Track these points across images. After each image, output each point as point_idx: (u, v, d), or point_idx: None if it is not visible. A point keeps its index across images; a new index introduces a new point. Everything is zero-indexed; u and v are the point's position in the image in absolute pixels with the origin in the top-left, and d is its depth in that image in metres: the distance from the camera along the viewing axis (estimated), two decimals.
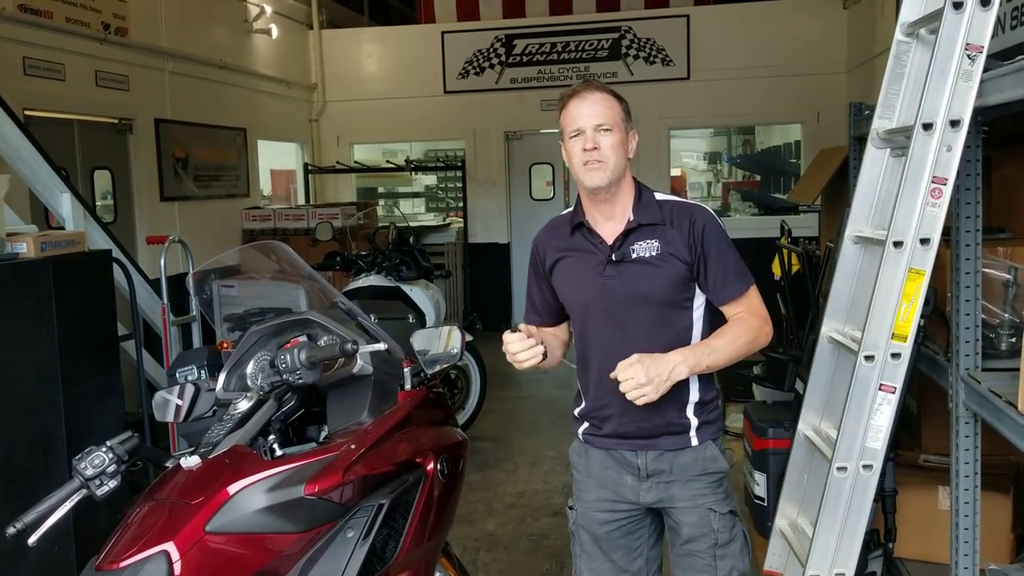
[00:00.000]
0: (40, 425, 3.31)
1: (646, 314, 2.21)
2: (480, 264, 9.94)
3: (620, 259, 2.21)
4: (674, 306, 2.22)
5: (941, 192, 2.38)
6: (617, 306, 2.22)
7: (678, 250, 2.19)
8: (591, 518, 2.37)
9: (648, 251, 2.20)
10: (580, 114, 2.19)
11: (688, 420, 2.27)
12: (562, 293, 2.33)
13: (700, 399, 2.28)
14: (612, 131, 2.18)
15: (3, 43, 5.54)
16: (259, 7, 8.79)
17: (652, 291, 2.20)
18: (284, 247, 2.58)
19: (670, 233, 2.20)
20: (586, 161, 2.18)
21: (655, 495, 2.29)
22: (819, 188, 4.83)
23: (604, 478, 2.34)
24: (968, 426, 2.62)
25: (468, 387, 6.12)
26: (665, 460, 2.27)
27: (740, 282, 2.22)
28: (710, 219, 2.23)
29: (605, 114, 2.18)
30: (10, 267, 3.27)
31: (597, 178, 2.18)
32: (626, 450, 2.30)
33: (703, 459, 2.28)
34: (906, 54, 2.72)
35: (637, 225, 2.22)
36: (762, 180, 11.28)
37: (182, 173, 7.55)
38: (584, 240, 2.27)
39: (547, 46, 9.80)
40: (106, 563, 1.71)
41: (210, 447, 1.93)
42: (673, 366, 2.06)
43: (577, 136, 2.20)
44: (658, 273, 2.19)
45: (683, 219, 2.21)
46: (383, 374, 2.19)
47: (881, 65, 7.06)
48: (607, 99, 2.20)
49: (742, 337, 2.20)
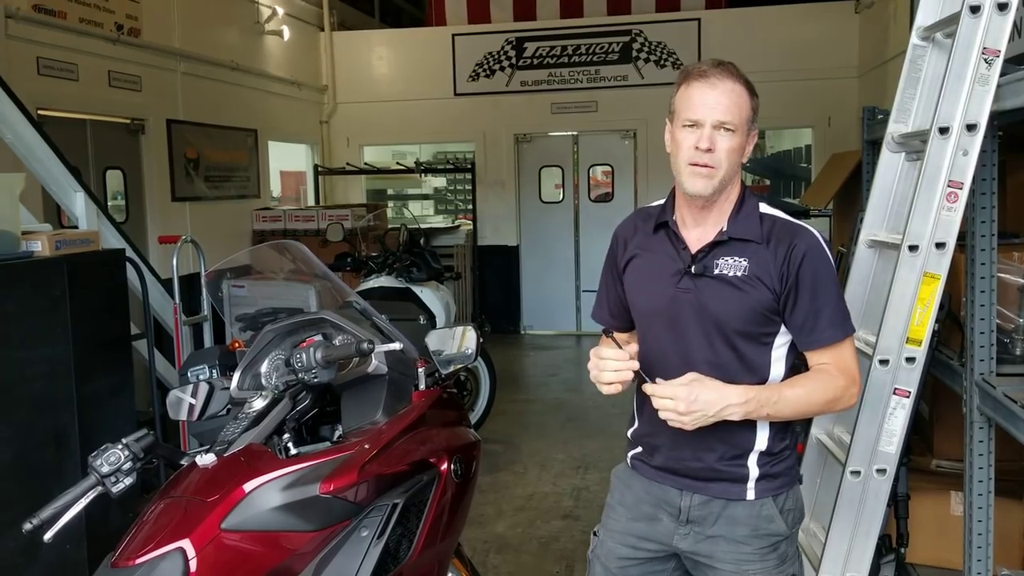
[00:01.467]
0: (53, 423, 3.32)
1: (716, 341, 1.90)
2: (489, 266, 9.95)
3: (700, 272, 1.90)
4: (750, 339, 1.90)
5: (957, 196, 2.38)
6: (685, 324, 1.92)
7: (768, 276, 1.87)
8: (611, 549, 2.09)
9: (734, 270, 1.88)
10: (704, 103, 1.85)
11: (747, 470, 1.95)
12: (630, 295, 2.05)
13: (768, 449, 1.95)
14: (735, 133, 1.86)
15: (18, 43, 5.57)
16: (271, 9, 8.82)
17: (727, 316, 1.88)
18: (299, 246, 2.59)
19: (764, 254, 1.88)
20: (694, 162, 1.86)
21: (691, 544, 1.99)
22: (832, 192, 4.83)
23: (638, 511, 2.06)
24: (982, 431, 2.62)
25: (478, 389, 6.12)
26: (712, 508, 1.96)
27: (834, 328, 1.88)
28: (815, 246, 1.88)
29: (732, 111, 1.85)
30: (25, 265, 3.28)
31: (701, 186, 1.87)
32: (671, 487, 2.00)
33: (757, 518, 1.95)
34: (922, 58, 2.72)
35: (729, 238, 1.91)
36: (772, 184, 11.26)
37: (193, 174, 7.57)
38: (666, 241, 1.98)
39: (557, 49, 9.80)
40: (122, 560, 1.71)
41: (225, 445, 1.93)
42: (727, 405, 1.79)
43: (692, 128, 1.86)
44: (738, 297, 1.87)
45: (783, 241, 1.88)
46: (397, 374, 2.19)
47: (893, 69, 7.06)
48: (737, 91, 1.87)
49: (821, 395, 1.88)
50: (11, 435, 3.11)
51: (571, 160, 10.12)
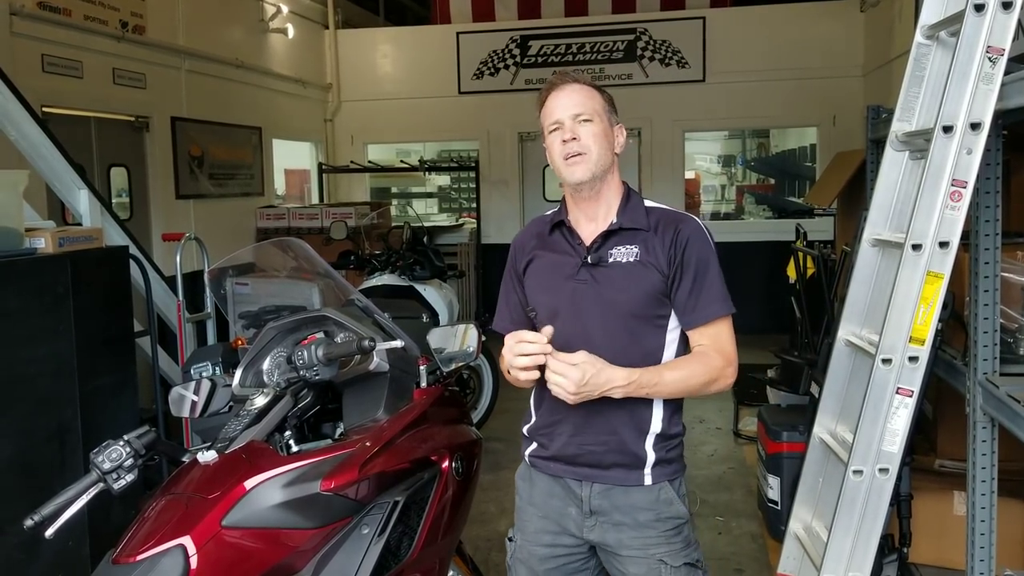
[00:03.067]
0: (56, 419, 3.32)
1: (615, 325, 2.01)
2: (493, 265, 9.93)
3: (596, 262, 2.03)
4: (645, 321, 2.02)
5: (961, 195, 2.37)
6: (585, 313, 2.03)
7: (657, 260, 2.01)
8: (531, 552, 2.16)
9: (626, 256, 2.02)
10: (558, 105, 2.04)
11: (644, 453, 2.04)
12: (531, 294, 2.14)
13: (663, 431, 2.06)
14: (592, 121, 2.02)
15: (23, 40, 5.58)
16: (275, 7, 8.82)
17: (623, 300, 2.01)
18: (301, 243, 2.59)
19: (653, 241, 2.02)
20: (567, 154, 2.01)
21: (599, 535, 2.08)
22: (836, 191, 4.82)
23: (548, 507, 2.14)
24: (985, 431, 2.61)
25: (480, 387, 6.12)
26: (612, 496, 2.05)
27: (712, 306, 2.01)
28: (697, 231, 2.04)
29: (584, 103, 2.02)
30: (28, 262, 3.28)
31: (579, 172, 2.01)
32: (571, 478, 2.09)
33: (657, 502, 2.05)
34: (926, 57, 2.70)
35: (619, 228, 2.05)
36: (777, 183, 11.25)
37: (197, 171, 7.58)
38: (562, 240, 2.11)
39: (562, 47, 9.80)
40: (123, 556, 1.71)
41: (227, 442, 1.93)
42: (611, 386, 1.90)
43: (556, 129, 2.03)
44: (632, 281, 2.01)
45: (668, 228, 2.03)
46: (399, 372, 2.20)
47: (898, 69, 7.04)
48: (585, 89, 2.05)
49: (698, 377, 1.99)
50: (14, 431, 3.12)
51: None
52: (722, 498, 4.83)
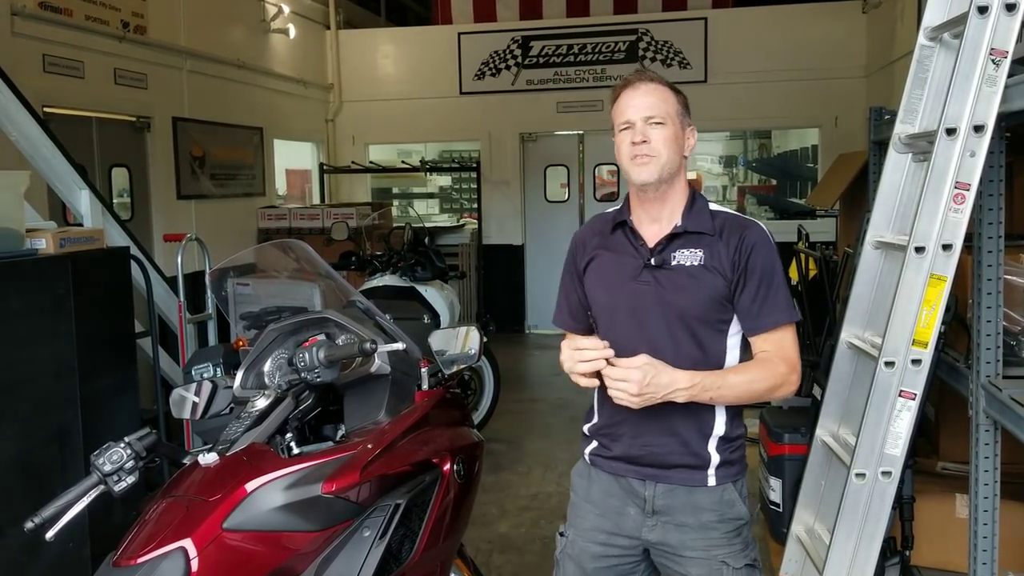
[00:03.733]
0: (57, 421, 3.32)
1: (677, 328, 2.01)
2: (494, 265, 9.94)
3: (659, 264, 2.03)
4: (708, 325, 2.02)
5: (964, 198, 2.37)
6: (647, 314, 2.02)
7: (721, 265, 2.00)
8: (583, 548, 2.15)
9: (690, 260, 2.02)
10: (630, 105, 2.03)
11: (708, 455, 2.05)
12: (590, 293, 2.15)
13: (725, 434, 2.06)
14: (664, 124, 2.01)
15: (23, 40, 5.57)
16: (277, 7, 8.82)
17: (686, 304, 2.00)
18: (302, 245, 2.59)
19: (717, 246, 2.02)
20: (635, 155, 2.01)
21: (660, 535, 2.07)
22: (838, 193, 4.82)
23: (606, 506, 2.13)
24: (988, 434, 2.60)
25: (482, 389, 6.12)
26: (676, 497, 2.05)
27: (776, 314, 2.00)
28: (763, 237, 2.03)
29: (657, 106, 2.01)
30: (29, 263, 3.28)
31: (646, 173, 2.01)
32: (634, 478, 2.08)
33: (721, 503, 2.05)
34: (929, 58, 2.70)
35: (684, 231, 2.04)
36: (778, 184, 11.24)
37: (199, 172, 7.58)
38: (624, 240, 2.11)
39: (564, 48, 9.79)
40: (123, 559, 1.71)
41: (228, 444, 1.93)
42: (674, 389, 1.89)
43: (627, 129, 2.03)
44: (696, 285, 2.00)
45: (734, 233, 2.02)
46: (401, 374, 2.19)
47: (900, 70, 7.03)
48: (660, 90, 2.03)
49: (762, 382, 1.99)
50: (15, 433, 3.12)
51: (577, 159, 10.11)
52: None
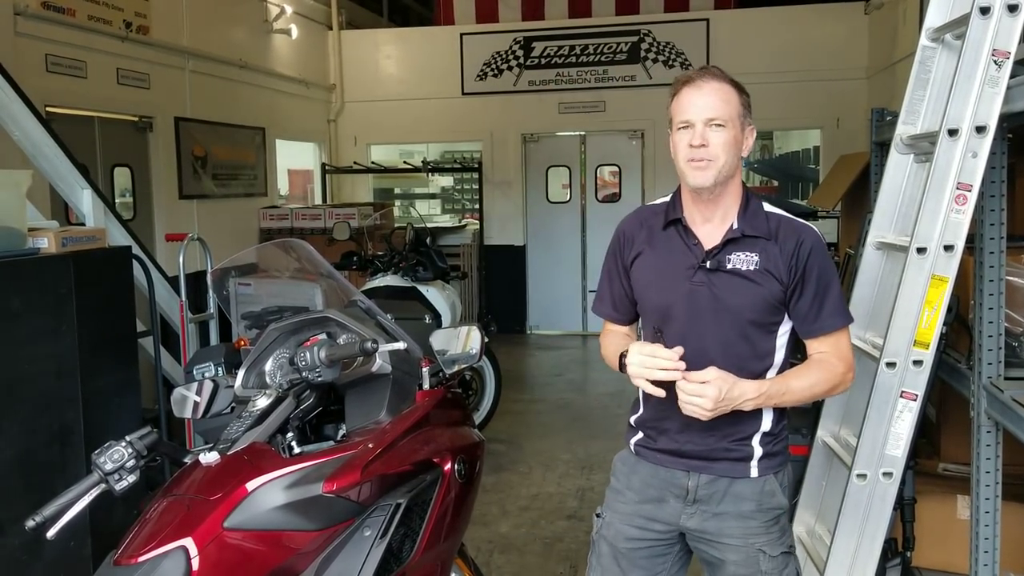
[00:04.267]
0: (59, 420, 3.32)
1: (730, 330, 2.02)
2: (496, 266, 9.94)
3: (715, 267, 2.02)
4: (760, 327, 2.04)
5: (966, 199, 2.37)
6: (700, 316, 2.03)
7: (777, 269, 2.00)
8: (619, 531, 2.18)
9: (746, 264, 2.01)
10: (692, 104, 1.99)
11: (752, 449, 2.08)
12: (640, 290, 2.13)
13: (770, 429, 2.09)
14: (725, 127, 1.98)
15: (26, 40, 5.58)
16: (279, 7, 8.83)
17: (741, 307, 2.01)
18: (304, 244, 2.59)
19: (772, 249, 2.02)
20: (692, 158, 1.98)
21: (698, 523, 2.11)
22: (840, 194, 4.81)
23: (646, 494, 2.16)
24: (990, 435, 2.60)
25: (483, 389, 6.12)
26: (718, 486, 2.08)
27: (834, 318, 2.03)
28: (818, 243, 2.04)
29: (719, 107, 1.98)
30: (31, 262, 3.28)
31: (702, 178, 1.98)
32: (678, 469, 2.11)
33: (761, 493, 2.08)
34: (931, 59, 2.70)
35: (741, 235, 2.03)
36: (780, 185, 11.24)
37: (201, 171, 7.58)
38: (677, 238, 2.08)
39: (566, 48, 9.79)
40: (124, 558, 1.71)
41: (229, 444, 1.92)
42: (744, 400, 1.93)
43: (685, 128, 2.00)
44: (752, 289, 2.01)
45: (789, 237, 2.02)
46: (402, 373, 2.19)
47: (902, 71, 7.02)
48: (724, 90, 2.00)
49: (822, 384, 2.04)
50: (16, 432, 3.12)
51: (578, 160, 10.11)
52: None
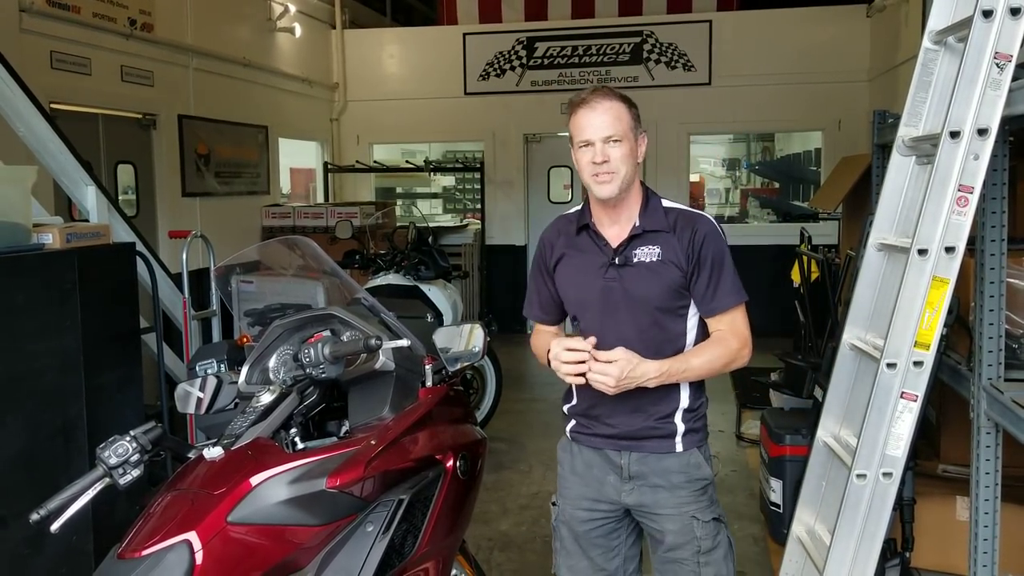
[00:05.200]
0: (62, 414, 3.33)
1: (642, 317, 2.24)
2: (497, 266, 9.96)
3: (623, 263, 2.24)
4: (669, 312, 2.25)
5: (967, 200, 2.37)
6: (615, 307, 2.25)
7: (677, 258, 2.22)
8: (572, 515, 2.40)
9: (649, 256, 2.23)
10: (590, 124, 2.20)
11: (675, 425, 2.30)
12: (563, 290, 2.37)
13: (689, 406, 2.31)
14: (621, 142, 2.19)
15: (31, 37, 5.60)
16: (283, 6, 8.84)
17: (649, 296, 2.23)
18: (308, 242, 2.60)
19: (671, 240, 2.24)
20: (595, 173, 2.20)
21: (636, 498, 2.32)
22: (841, 196, 4.83)
23: (588, 476, 2.37)
24: (989, 436, 2.61)
25: (484, 388, 6.13)
26: (648, 463, 2.30)
27: (728, 297, 2.24)
28: (712, 230, 2.25)
29: (614, 126, 2.19)
30: (36, 258, 3.29)
31: (607, 190, 2.21)
32: (611, 450, 2.33)
33: (688, 466, 2.30)
34: (933, 62, 2.71)
35: (642, 231, 2.25)
36: (781, 187, 11.25)
37: (204, 169, 7.60)
38: (589, 241, 2.31)
39: (568, 49, 9.80)
40: (128, 551, 1.72)
41: (233, 439, 1.94)
42: (647, 378, 2.13)
43: (586, 147, 2.21)
44: (656, 279, 2.23)
45: (686, 228, 2.24)
46: (405, 371, 2.20)
47: (904, 74, 7.03)
48: (616, 108, 2.20)
49: (719, 360, 2.24)
50: (20, 426, 3.13)
51: None
52: (724, 501, 4.78)
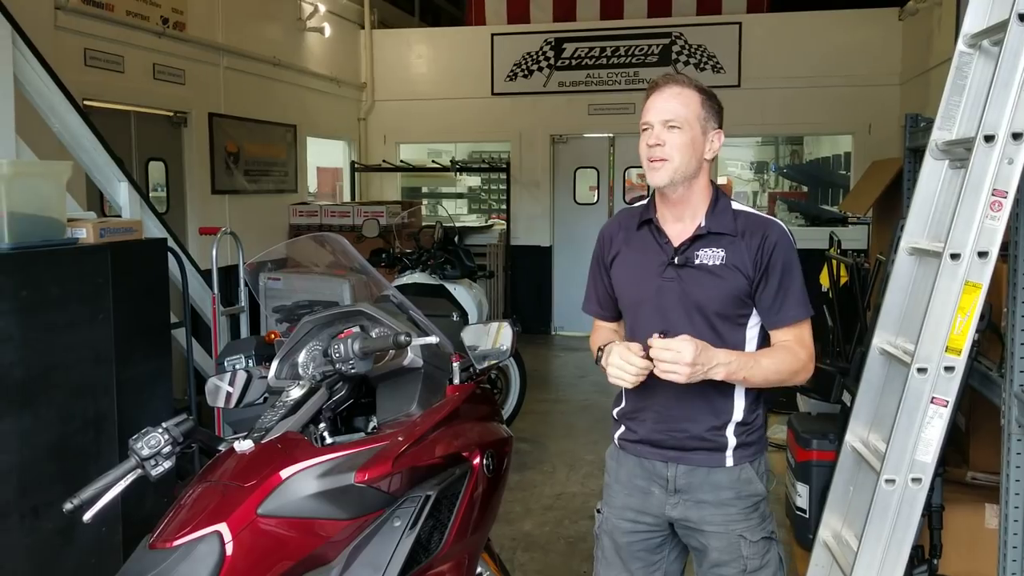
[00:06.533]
0: (93, 407, 3.38)
1: (698, 322, 2.12)
2: (522, 266, 9.96)
3: (683, 263, 2.14)
4: (728, 320, 2.14)
5: (1001, 205, 2.35)
6: (670, 310, 2.14)
7: (743, 264, 2.11)
8: (615, 525, 2.30)
9: (712, 259, 2.12)
10: (652, 107, 2.11)
11: (726, 439, 2.18)
12: (618, 287, 2.28)
13: (743, 420, 2.18)
14: (681, 129, 2.08)
15: (66, 35, 5.68)
16: (313, 5, 8.90)
17: (708, 300, 2.12)
18: (339, 238, 2.62)
19: (739, 245, 2.12)
20: (650, 157, 2.11)
21: (682, 512, 2.20)
22: (872, 199, 4.79)
23: (632, 487, 2.27)
24: (1020, 443, 2.58)
25: (508, 388, 6.14)
26: (696, 476, 2.18)
27: (797, 309, 2.13)
28: (783, 238, 2.13)
29: (676, 111, 2.08)
30: (70, 252, 3.34)
31: (658, 177, 2.10)
32: (657, 460, 2.22)
33: (738, 481, 2.18)
34: (968, 65, 2.68)
35: (707, 232, 2.14)
36: (810, 191, 11.16)
37: (233, 167, 7.67)
38: (650, 237, 2.21)
39: (596, 50, 9.79)
40: (159, 542, 1.74)
41: (263, 432, 1.95)
42: (716, 363, 1.99)
43: (646, 130, 2.12)
44: (717, 283, 2.11)
45: (755, 233, 2.12)
46: (433, 367, 2.21)
47: (936, 77, 6.96)
48: (684, 94, 2.10)
49: (787, 366, 2.12)
50: (53, 417, 3.18)
51: (607, 162, 10.10)
52: None
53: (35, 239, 3.20)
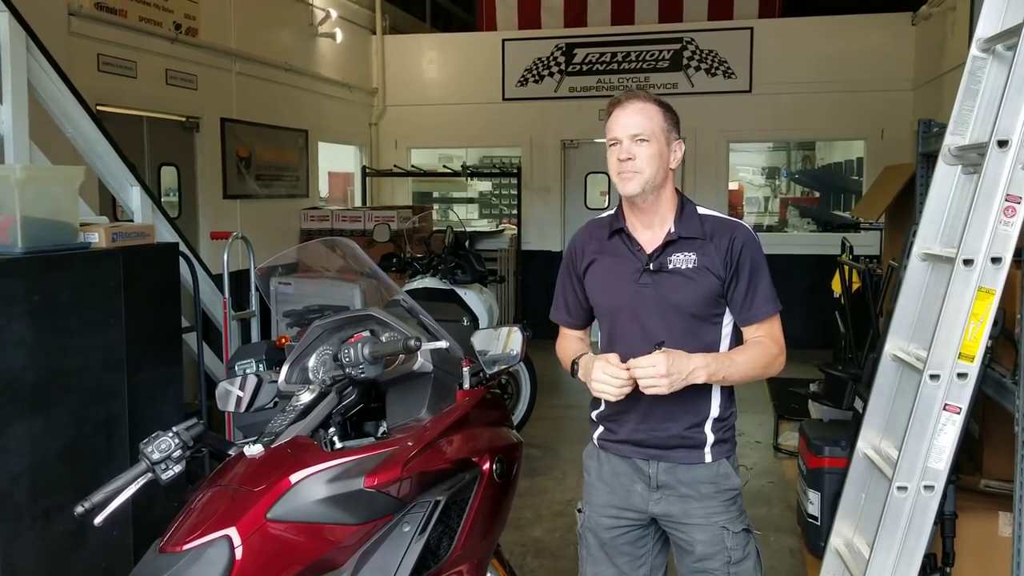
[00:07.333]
0: (105, 410, 3.39)
1: (675, 324, 2.22)
2: (532, 271, 9.95)
3: (657, 269, 2.23)
4: (703, 319, 2.24)
5: (1015, 211, 2.34)
6: (647, 313, 2.24)
7: (714, 265, 2.21)
8: (598, 523, 2.38)
9: (685, 263, 2.22)
10: (618, 123, 2.22)
11: (704, 436, 2.28)
12: (593, 295, 2.35)
13: (719, 416, 2.29)
14: (649, 142, 2.19)
15: (79, 40, 5.71)
16: (325, 11, 8.93)
17: (683, 302, 2.22)
18: (349, 243, 2.62)
19: (708, 248, 2.23)
20: (620, 171, 2.20)
21: (664, 507, 2.30)
22: (884, 205, 4.76)
23: (615, 484, 2.35)
24: None
25: (518, 393, 6.13)
26: (677, 473, 2.28)
27: (766, 305, 2.24)
28: (749, 238, 2.25)
29: (643, 124, 2.19)
30: (83, 256, 3.36)
31: (630, 187, 2.20)
32: (639, 459, 2.31)
33: (717, 476, 2.28)
34: (981, 70, 2.67)
35: (678, 237, 2.24)
36: (821, 197, 11.13)
37: (245, 172, 7.70)
38: (622, 245, 2.30)
39: (607, 55, 9.79)
40: (169, 546, 1.74)
41: (272, 436, 1.96)
42: (694, 368, 2.08)
43: (614, 145, 2.22)
44: (692, 286, 2.21)
45: (723, 235, 2.23)
46: (443, 372, 2.21)
47: (949, 83, 6.94)
48: (647, 108, 2.21)
49: (760, 360, 2.22)
50: (64, 421, 3.19)
51: None
52: (761, 512, 4.78)
53: (48, 243, 3.22)
